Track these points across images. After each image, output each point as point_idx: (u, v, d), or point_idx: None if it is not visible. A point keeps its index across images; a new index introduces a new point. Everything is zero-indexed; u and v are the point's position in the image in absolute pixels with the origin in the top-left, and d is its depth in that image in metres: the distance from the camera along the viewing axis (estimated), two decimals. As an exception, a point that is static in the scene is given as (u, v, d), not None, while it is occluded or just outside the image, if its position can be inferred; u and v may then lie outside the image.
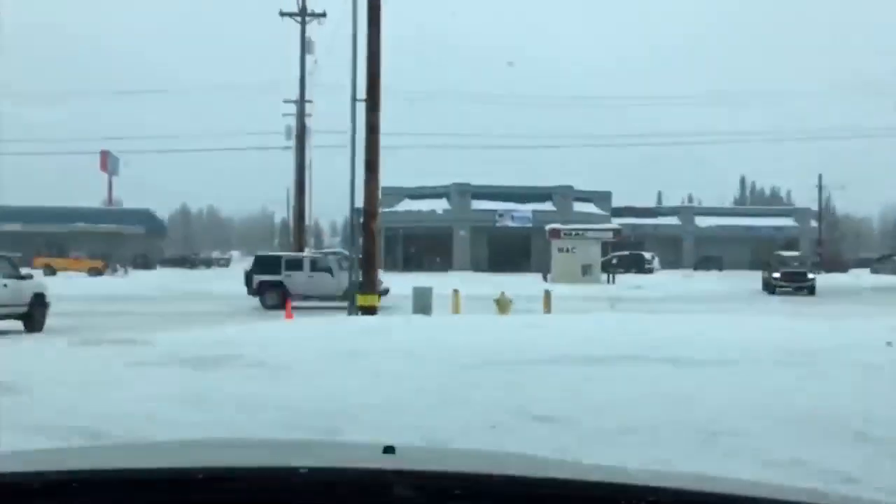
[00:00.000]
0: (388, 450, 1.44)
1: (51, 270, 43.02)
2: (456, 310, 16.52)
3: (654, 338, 9.66)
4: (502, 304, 16.25)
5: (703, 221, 63.73)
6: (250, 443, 1.99)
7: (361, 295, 14.36)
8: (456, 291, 16.73)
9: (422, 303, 14.72)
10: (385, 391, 6.45)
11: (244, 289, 23.11)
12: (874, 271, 47.08)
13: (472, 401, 6.15)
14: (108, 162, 65.24)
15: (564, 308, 16.27)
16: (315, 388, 6.56)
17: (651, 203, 73.44)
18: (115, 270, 47.36)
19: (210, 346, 9.91)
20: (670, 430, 5.19)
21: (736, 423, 5.28)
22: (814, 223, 61.96)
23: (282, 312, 17.36)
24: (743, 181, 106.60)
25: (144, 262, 54.91)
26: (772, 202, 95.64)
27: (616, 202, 57.87)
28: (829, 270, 46.34)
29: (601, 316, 12.89)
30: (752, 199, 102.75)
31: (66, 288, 23.60)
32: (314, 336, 10.00)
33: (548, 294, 16.36)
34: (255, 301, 22.50)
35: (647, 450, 4.57)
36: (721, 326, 11.59)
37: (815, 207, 62.51)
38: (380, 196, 14.88)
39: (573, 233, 40.27)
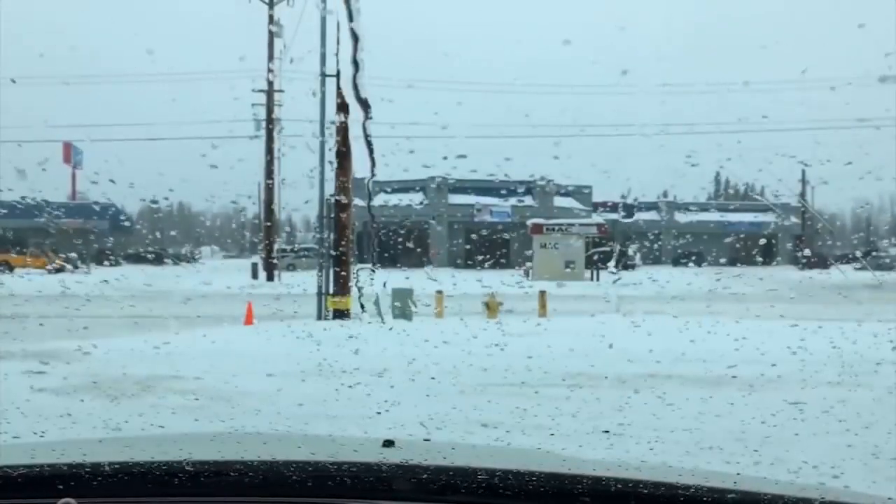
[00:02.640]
0: (388, 443, 1.47)
1: (8, 267, 41.41)
2: (440, 313, 14.99)
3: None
4: (491, 307, 14.74)
5: (682, 217, 62.83)
6: (251, 436, 2.08)
7: (332, 297, 12.82)
8: (440, 293, 15.19)
9: (402, 306, 13.13)
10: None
11: (209, 287, 21.44)
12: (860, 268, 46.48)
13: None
14: (70, 154, 62.63)
15: (562, 310, 14.77)
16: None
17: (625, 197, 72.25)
18: (75, 267, 45.61)
19: (150, 358, 8.38)
20: None
21: None
22: (794, 219, 61.32)
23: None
24: (717, 177, 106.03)
25: (108, 258, 53.02)
26: (746, 199, 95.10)
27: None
28: (810, 267, 45.88)
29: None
30: (727, 196, 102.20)
31: (24, 287, 22.26)
32: (271, 349, 8.44)
33: (543, 295, 14.90)
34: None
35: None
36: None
37: (792, 203, 61.80)
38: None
39: (556, 228, 38.91)
